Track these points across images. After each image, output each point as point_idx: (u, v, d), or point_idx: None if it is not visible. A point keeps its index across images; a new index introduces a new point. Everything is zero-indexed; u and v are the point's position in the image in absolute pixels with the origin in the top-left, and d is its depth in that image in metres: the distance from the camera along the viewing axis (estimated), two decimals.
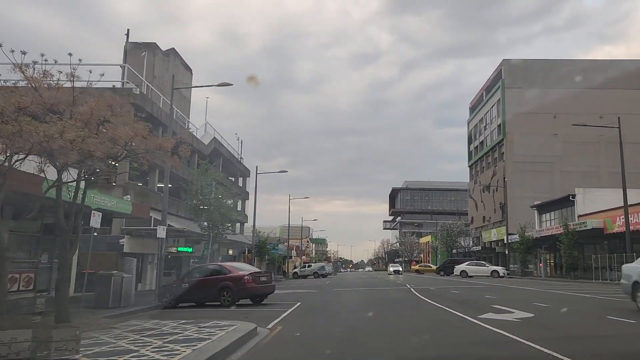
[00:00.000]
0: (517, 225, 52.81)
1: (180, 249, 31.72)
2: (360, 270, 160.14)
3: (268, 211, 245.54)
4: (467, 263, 44.60)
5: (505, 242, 49.47)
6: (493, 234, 54.46)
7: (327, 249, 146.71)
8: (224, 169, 48.47)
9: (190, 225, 28.65)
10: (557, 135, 60.21)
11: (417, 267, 71.18)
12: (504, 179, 59.92)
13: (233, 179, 53.86)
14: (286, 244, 79.63)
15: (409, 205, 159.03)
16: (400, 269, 53.44)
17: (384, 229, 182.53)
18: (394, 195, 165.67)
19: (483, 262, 46.13)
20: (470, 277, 43.10)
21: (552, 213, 46.17)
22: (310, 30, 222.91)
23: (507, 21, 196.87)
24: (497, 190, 62.66)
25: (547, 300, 17.17)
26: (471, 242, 67.89)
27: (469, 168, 78.79)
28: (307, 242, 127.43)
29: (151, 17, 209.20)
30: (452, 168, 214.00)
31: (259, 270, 18.33)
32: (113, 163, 12.58)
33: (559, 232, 36.23)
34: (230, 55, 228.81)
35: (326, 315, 13.91)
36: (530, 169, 59.79)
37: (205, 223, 27.00)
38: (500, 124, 62.79)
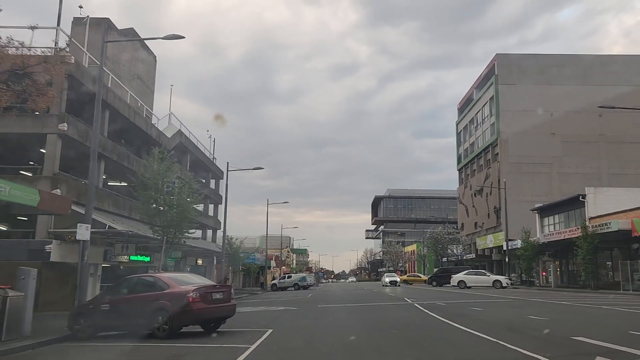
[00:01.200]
0: (514, 230, 48.58)
1: (133, 257, 26.37)
2: (342, 280, 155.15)
3: (249, 222, 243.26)
4: (465, 272, 39.93)
5: (504, 248, 44.99)
6: (489, 241, 50.05)
7: (309, 259, 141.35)
8: (193, 168, 43.19)
9: (143, 229, 23.34)
10: (554, 135, 56.33)
11: (405, 277, 66.29)
12: (499, 181, 55.67)
13: (204, 180, 48.55)
14: (264, 253, 74.44)
15: (392, 213, 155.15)
16: (398, 279, 48.23)
17: (367, 238, 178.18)
18: (376, 203, 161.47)
19: (483, 270, 41.54)
20: (469, 287, 38.47)
21: (558, 216, 41.88)
22: (290, 41, 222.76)
23: (482, 34, 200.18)
24: (490, 194, 58.44)
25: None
26: (462, 249, 63.40)
27: (458, 172, 74.62)
28: (288, 252, 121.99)
29: (130, 27, 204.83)
30: (432, 178, 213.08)
31: (211, 284, 13.15)
32: None
33: (573, 235, 31.74)
34: (211, 66, 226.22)
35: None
36: (527, 171, 55.68)
37: (158, 225, 21.75)
38: (493, 123, 58.69)
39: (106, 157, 24.64)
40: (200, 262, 41.53)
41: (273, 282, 56.28)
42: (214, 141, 51.09)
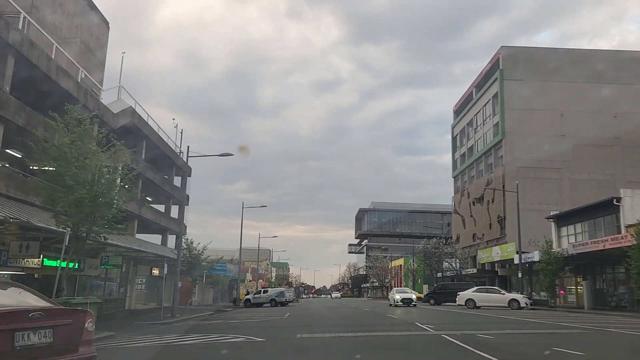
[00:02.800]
0: (521, 242, 42.49)
1: (48, 262, 19.25)
2: (323, 296, 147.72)
3: (229, 236, 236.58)
4: (474, 289, 33.38)
5: (515, 262, 38.63)
6: (494, 253, 43.74)
7: (290, 272, 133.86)
8: (152, 161, 36.16)
9: (45, 219, 16.21)
10: (564, 137, 50.62)
11: None
12: (503, 186, 49.60)
13: (167, 176, 41.47)
14: (242, 265, 67.27)
15: (376, 227, 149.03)
16: (414, 297, 39.78)
17: (350, 252, 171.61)
18: (360, 216, 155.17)
19: (495, 287, 35.01)
20: (478, 307, 31.98)
21: (581, 225, 35.69)
22: (272, 56, 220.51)
23: (461, 54, 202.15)
24: (493, 202, 52.35)
25: None
26: (457, 263, 56.89)
27: (453, 179, 68.56)
28: (267, 265, 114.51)
29: (111, 39, 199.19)
30: (413, 195, 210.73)
31: (23, 309, 5.81)
32: None
33: (618, 244, 25.39)
34: (192, 79, 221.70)
35: None
36: (534, 176, 49.74)
37: (62, 212, 14.71)
38: (497, 122, 52.82)
39: (6, 119, 17.64)
40: (156, 272, 34.38)
41: (247, 297, 49.07)
42: (182, 132, 44.13)
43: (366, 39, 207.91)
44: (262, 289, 50.23)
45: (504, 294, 32.17)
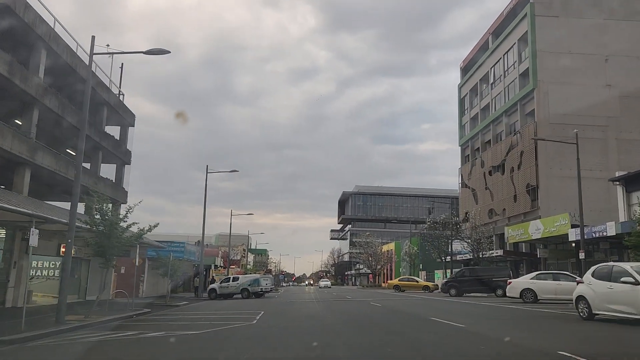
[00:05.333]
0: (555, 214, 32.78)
1: None
2: (304, 284, 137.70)
3: (207, 223, 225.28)
4: (534, 275, 23.18)
5: (572, 238, 28.63)
6: (533, 229, 33.65)
7: (270, 259, 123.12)
8: (61, 87, 24.98)
9: None
10: (610, 88, 40.74)
11: (396, 281, 49.54)
12: (536, 148, 39.61)
13: (109, 130, 30.32)
14: (208, 247, 56.45)
15: (360, 211, 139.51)
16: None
17: (332, 239, 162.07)
18: (344, 200, 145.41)
19: (565, 272, 24.80)
20: (538, 300, 21.97)
21: None
22: (249, 43, 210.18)
23: (437, 45, 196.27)
24: (519, 168, 42.32)
25: None
26: (476, 244, 46.70)
27: (460, 148, 58.42)
28: (244, 250, 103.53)
29: (84, 23, 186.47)
30: (392, 183, 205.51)
31: None
32: None
33: None
34: (168, 65, 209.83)
35: None
36: (573, 136, 39.65)
37: None
38: (525, 71, 42.63)
39: None
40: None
41: (211, 286, 38.36)
42: (122, 67, 32.98)
43: (342, 27, 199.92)
44: (232, 277, 39.53)
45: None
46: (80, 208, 27.33)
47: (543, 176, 39.26)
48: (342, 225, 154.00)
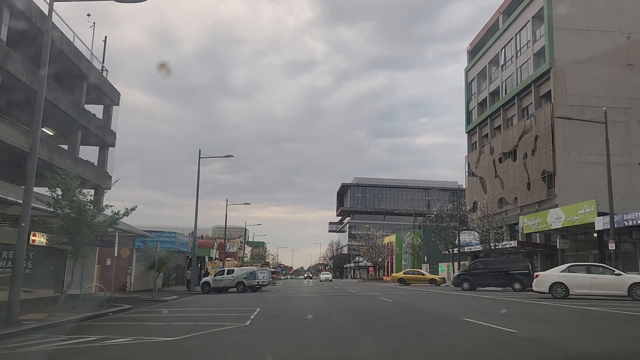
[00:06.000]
0: (573, 202, 30.27)
1: None
2: (301, 277, 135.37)
3: (204, 216, 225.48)
4: (565, 268, 20.47)
5: (598, 228, 26.03)
6: (553, 218, 31.00)
7: (268, 251, 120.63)
8: (33, 58, 22.09)
9: None
10: (632, 68, 38.07)
11: (400, 274, 46.98)
12: (552, 130, 37.02)
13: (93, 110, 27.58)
14: (202, 238, 54.11)
15: (359, 204, 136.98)
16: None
17: (330, 231, 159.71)
18: (342, 192, 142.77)
19: (602, 264, 22.15)
20: (569, 296, 19.40)
21: None
22: (246, 36, 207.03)
23: (434, 38, 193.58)
24: (533, 154, 39.67)
25: None
26: (476, 236, 44.22)
27: (467, 135, 55.71)
28: (241, 243, 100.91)
29: (80, 15, 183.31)
30: (389, 177, 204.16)
31: None
32: None
33: None
34: (163, 57, 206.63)
35: None
36: (593, 118, 37.04)
37: None
38: (540, 50, 39.88)
39: None
40: (42, 239, 20.53)
41: (205, 279, 35.80)
42: (105, 41, 30.23)
43: (339, 20, 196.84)
44: (227, 269, 36.92)
45: (619, 274, 19.36)
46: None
47: (560, 162, 36.64)
48: (340, 217, 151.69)
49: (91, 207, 15.01)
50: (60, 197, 14.48)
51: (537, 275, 20.81)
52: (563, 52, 37.92)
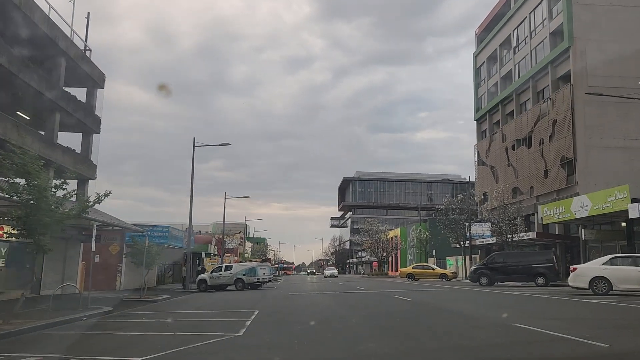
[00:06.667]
0: (596, 189, 27.78)
1: None
2: (303, 273, 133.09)
3: (204, 213, 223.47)
4: (607, 260, 17.94)
5: (633, 216, 23.48)
6: (577, 207, 28.39)
7: (269, 247, 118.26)
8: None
9: None
10: None
11: (409, 269, 44.51)
12: (572, 113, 34.54)
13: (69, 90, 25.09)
14: (199, 233, 51.77)
15: (361, 198, 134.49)
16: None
17: (332, 227, 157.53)
18: (344, 187, 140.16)
19: None
20: (612, 291, 16.95)
21: None
22: (244, 32, 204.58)
23: (433, 32, 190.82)
24: (550, 140, 37.14)
25: None
26: (490, 227, 41.67)
27: (476, 123, 53.14)
28: (241, 238, 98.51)
29: (78, 12, 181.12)
30: (389, 172, 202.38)
31: None
32: None
33: None
34: (162, 54, 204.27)
35: None
36: (616, 100, 34.48)
37: None
38: (559, 27, 37.25)
39: None
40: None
41: (200, 276, 33.35)
42: (88, 17, 27.68)
43: (337, 15, 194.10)
44: (225, 265, 34.45)
45: None
46: None
47: (581, 147, 34.10)
48: (342, 212, 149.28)
49: (55, 192, 12.53)
50: (17, 180, 11.98)
51: (574, 269, 18.32)
52: (583, 30, 35.33)
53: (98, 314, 15.28)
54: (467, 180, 45.63)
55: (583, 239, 29.58)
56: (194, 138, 32.55)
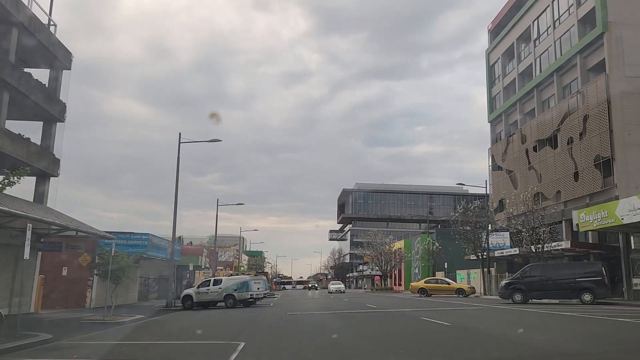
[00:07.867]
0: (631, 193, 23.57)
1: None
2: (299, 287, 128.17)
3: (201, 227, 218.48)
4: None
5: None
6: (625, 210, 24.14)
7: (266, 260, 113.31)
8: None
9: None
10: None
11: (421, 283, 40.03)
12: (609, 106, 30.49)
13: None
14: (186, 244, 47.69)
15: (361, 210, 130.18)
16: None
17: (331, 239, 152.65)
18: (343, 198, 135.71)
19: None
20: None
21: None
22: (241, 47, 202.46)
23: (428, 47, 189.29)
24: (581, 139, 33.02)
25: None
26: (508, 239, 37.44)
27: (490, 124, 49.13)
28: (236, 251, 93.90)
29: (75, 25, 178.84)
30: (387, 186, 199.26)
31: None
32: None
33: None
34: (159, 68, 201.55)
35: None
36: None
37: None
38: (589, 13, 33.39)
39: None
40: None
41: (186, 292, 28.98)
42: None
43: (333, 30, 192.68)
44: (213, 279, 30.02)
45: None
46: None
47: (619, 145, 29.99)
48: (341, 225, 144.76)
49: None
50: None
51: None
52: (618, 14, 31.46)
53: (28, 344, 11.04)
54: (485, 185, 41.26)
55: (633, 247, 25.28)
56: (180, 133, 28.40)
